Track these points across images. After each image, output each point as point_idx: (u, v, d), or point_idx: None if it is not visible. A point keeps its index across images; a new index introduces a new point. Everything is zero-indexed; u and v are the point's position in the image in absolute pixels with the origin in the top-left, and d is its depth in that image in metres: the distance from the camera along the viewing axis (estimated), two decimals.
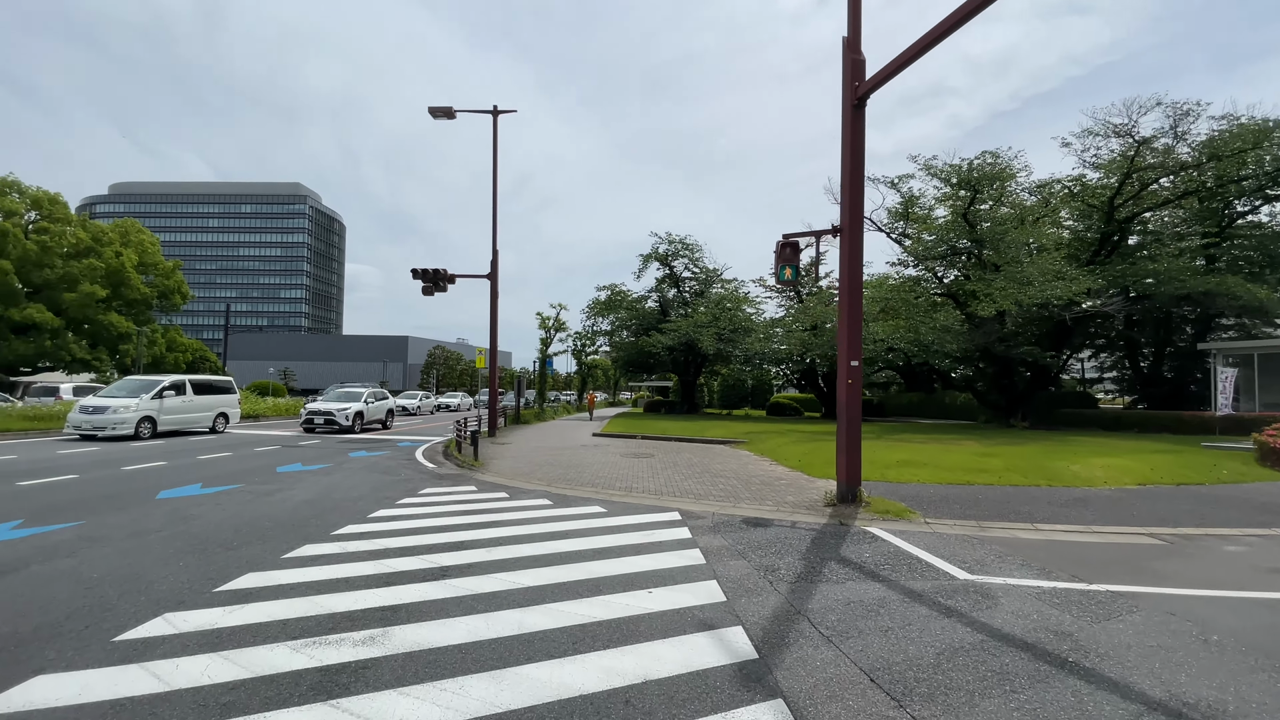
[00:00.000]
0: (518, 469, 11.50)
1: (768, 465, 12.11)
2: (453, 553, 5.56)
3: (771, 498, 8.58)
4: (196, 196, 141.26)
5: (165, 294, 42.34)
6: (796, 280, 8.80)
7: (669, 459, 13.10)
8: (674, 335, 29.16)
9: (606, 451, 14.55)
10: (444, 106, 19.68)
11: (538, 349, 28.71)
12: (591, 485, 9.60)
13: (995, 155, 21.23)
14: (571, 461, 12.58)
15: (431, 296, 19.92)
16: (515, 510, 7.65)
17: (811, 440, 15.85)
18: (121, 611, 4.05)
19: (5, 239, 33.12)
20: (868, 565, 5.37)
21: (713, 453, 14.48)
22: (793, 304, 30.91)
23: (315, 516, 7.12)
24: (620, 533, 6.42)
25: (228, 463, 11.84)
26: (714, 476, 10.54)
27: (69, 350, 35.06)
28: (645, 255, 32.99)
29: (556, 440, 17.81)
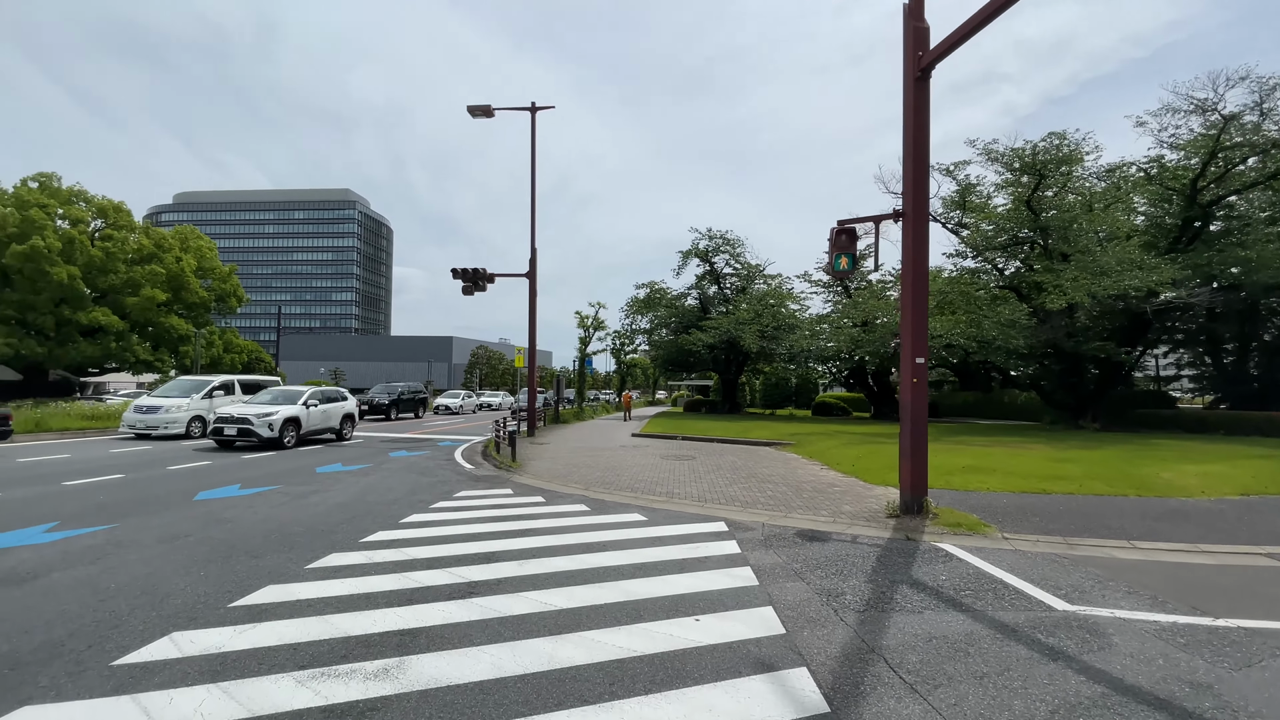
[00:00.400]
0: (555, 471, 11.13)
1: (818, 470, 11.39)
2: (482, 566, 5.16)
3: (826, 507, 7.92)
4: (253, 204, 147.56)
5: (222, 297, 43.98)
6: (853, 270, 8.13)
7: (711, 462, 12.52)
8: (715, 333, 28.44)
9: (646, 453, 14.07)
10: (482, 105, 19.56)
11: (577, 348, 28.49)
12: (630, 490, 9.12)
13: (1061, 137, 19.76)
14: (610, 464, 12.14)
15: (472, 296, 19.84)
16: (551, 517, 7.24)
17: (864, 442, 14.99)
18: (129, 629, 3.78)
19: (72, 246, 34.87)
20: (946, 590, 4.70)
21: (758, 455, 13.82)
22: (840, 299, 29.75)
23: (347, 521, 6.86)
24: (662, 545, 5.91)
25: (270, 463, 11.87)
26: (761, 482, 9.92)
27: (133, 351, 36.72)
28: (685, 251, 32.31)
29: (595, 440, 17.43)
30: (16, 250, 32.48)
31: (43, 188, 37.05)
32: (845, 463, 11.68)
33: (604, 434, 20.09)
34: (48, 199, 36.10)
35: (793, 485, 9.58)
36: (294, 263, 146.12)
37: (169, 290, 39.46)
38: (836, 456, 12.63)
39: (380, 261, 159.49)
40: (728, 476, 10.46)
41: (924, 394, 7.42)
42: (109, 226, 39.30)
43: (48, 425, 15.10)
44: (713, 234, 31.40)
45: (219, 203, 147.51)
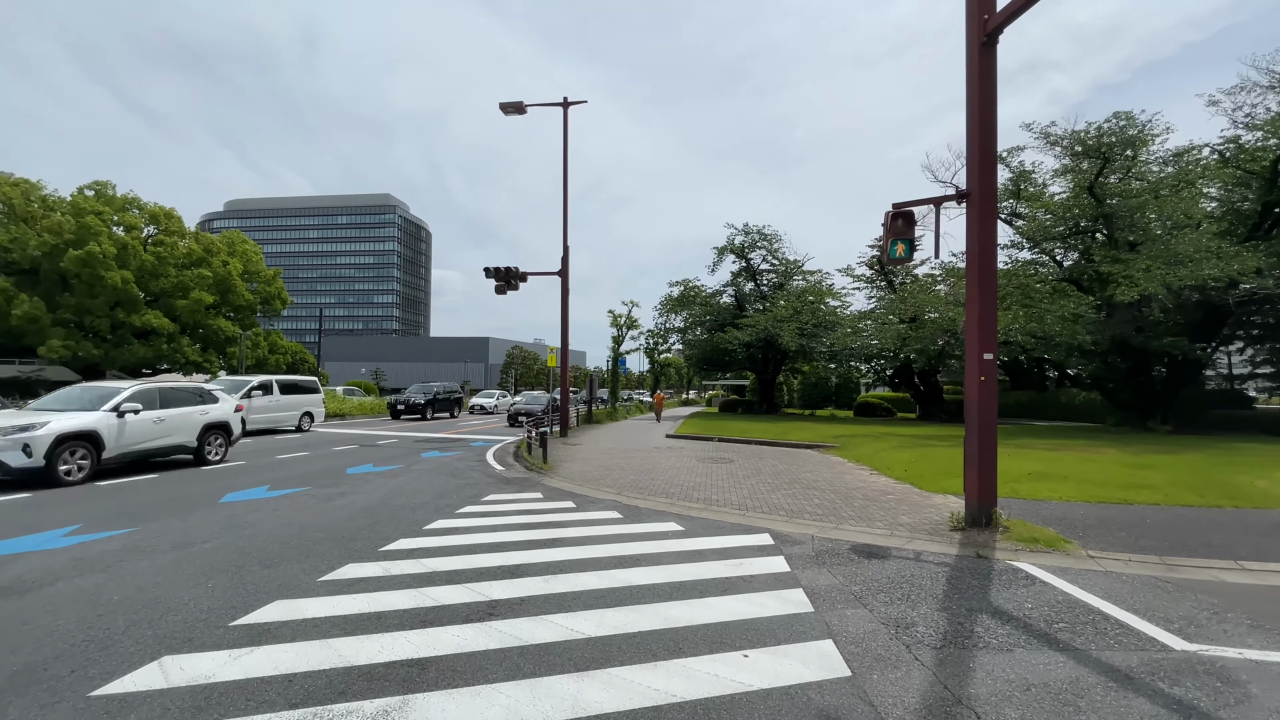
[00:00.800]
0: (587, 474, 10.69)
1: (867, 475, 10.65)
2: (505, 581, 4.72)
3: (881, 517, 7.24)
4: (298, 210, 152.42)
5: (267, 300, 45.20)
6: (910, 257, 7.41)
7: (751, 465, 11.89)
8: (751, 331, 27.63)
9: (681, 455, 13.52)
10: (514, 102, 19.38)
11: (610, 347, 28.08)
12: (665, 495, 8.60)
13: (1128, 117, 18.37)
14: (644, 466, 11.64)
15: (506, 296, 19.65)
16: (581, 525, 6.77)
17: (915, 445, 14.12)
18: (119, 651, 3.45)
19: (126, 251, 36.24)
20: (1036, 622, 4.04)
21: (800, 459, 13.12)
22: (884, 294, 28.57)
23: (369, 527, 6.53)
24: (701, 560, 5.37)
25: (302, 463, 11.77)
26: (806, 488, 9.27)
27: (183, 353, 37.98)
28: (720, 248, 31.51)
29: (629, 442, 16.97)
30: (73, 255, 33.91)
31: (98, 195, 38.71)
32: (897, 468, 10.91)
33: (638, 435, 19.62)
34: (103, 206, 37.66)
35: (841, 492, 8.90)
36: (337, 266, 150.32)
37: (217, 293, 40.74)
38: (886, 460, 11.84)
39: (419, 264, 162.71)
40: (769, 482, 9.84)
41: (993, 393, 6.69)
42: (161, 232, 40.84)
43: None
44: (749, 229, 30.55)
45: (267, 209, 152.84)
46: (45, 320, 33.84)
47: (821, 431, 18.99)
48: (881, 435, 16.92)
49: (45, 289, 35.47)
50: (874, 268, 28.51)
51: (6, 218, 36.30)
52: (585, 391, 28.03)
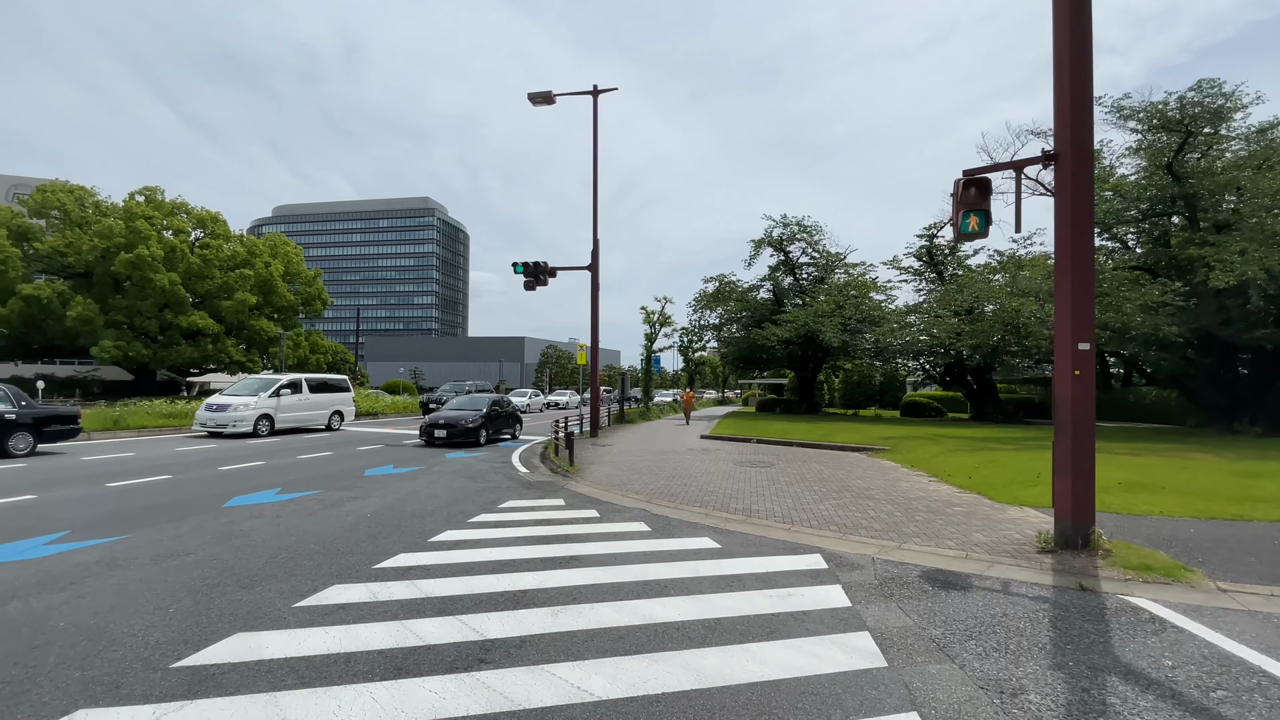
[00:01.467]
0: (615, 478, 9.93)
1: (926, 482, 9.58)
2: (506, 614, 3.97)
3: (951, 534, 6.25)
4: (342, 214, 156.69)
5: (308, 300, 46.03)
6: (985, 231, 6.37)
7: (794, 470, 10.94)
8: (790, 327, 26.38)
9: (716, 458, 12.64)
10: (543, 92, 18.87)
11: (642, 345, 27.26)
12: (699, 504, 7.76)
13: (1214, 85, 16.55)
14: (676, 470, 10.82)
15: (536, 293, 19.09)
16: (603, 540, 6.00)
17: (975, 449, 12.88)
18: (30, 701, 2.83)
19: (174, 254, 37.26)
20: (1185, 689, 3.06)
21: (847, 463, 12.08)
22: (934, 287, 26.93)
23: (370, 538, 5.91)
24: (741, 589, 4.52)
25: (322, 464, 11.35)
26: (859, 498, 8.29)
27: (227, 353, 38.87)
28: (757, 241, 30.20)
29: (661, 443, 16.16)
30: (124, 258, 34.98)
31: (148, 200, 39.97)
32: (959, 474, 9.79)
33: (670, 436, 18.79)
34: (152, 211, 38.87)
35: (899, 503, 7.90)
36: (379, 269, 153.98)
37: (259, 294, 41.64)
38: (946, 466, 10.72)
39: (457, 266, 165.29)
40: (816, 490, 8.89)
41: (1090, 390, 5.65)
42: (207, 236, 41.99)
43: (125, 423, 15.51)
44: (787, 221, 29.21)
45: (312, 214, 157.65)
46: (98, 321, 35.01)
47: (868, 433, 17.80)
48: (935, 437, 15.66)
49: (98, 291, 36.75)
50: (922, 259, 26.86)
51: (61, 223, 37.76)
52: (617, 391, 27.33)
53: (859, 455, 13.31)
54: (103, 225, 36.22)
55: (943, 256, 26.60)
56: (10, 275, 34.25)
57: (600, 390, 20.84)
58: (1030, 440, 14.50)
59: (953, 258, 26.55)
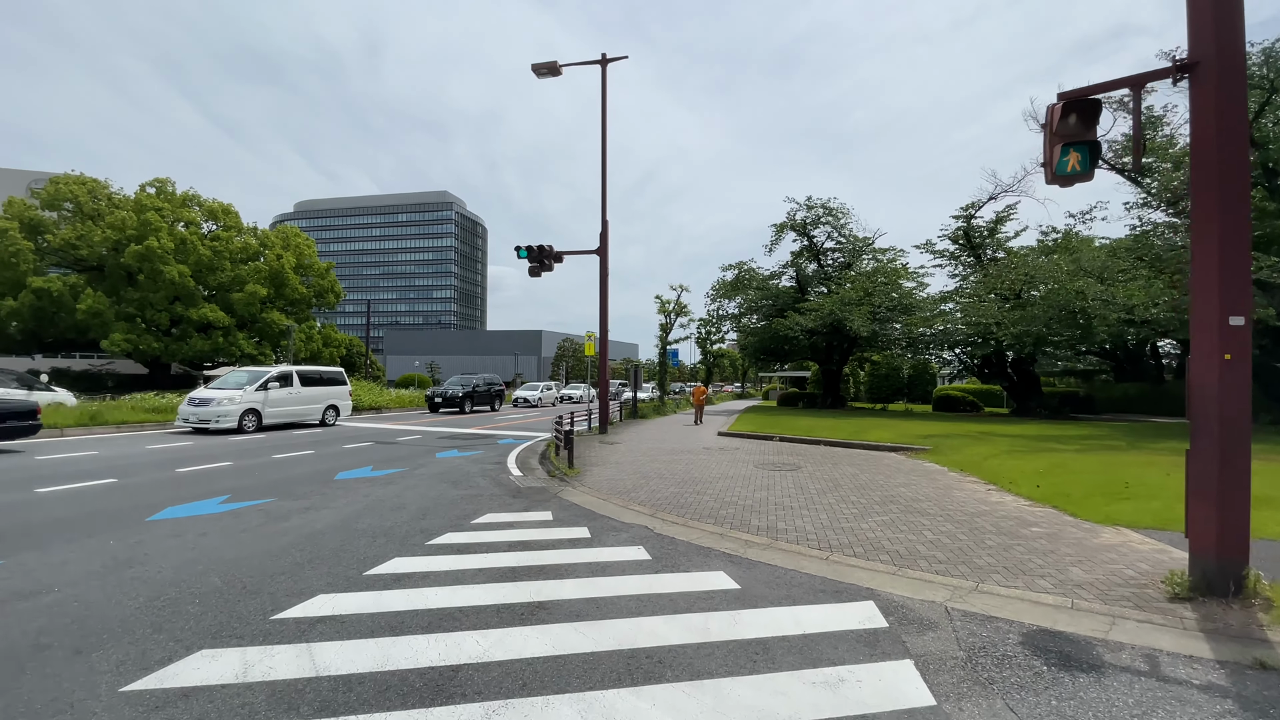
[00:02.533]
0: (618, 483, 8.61)
1: (984, 491, 8.09)
2: (416, 714, 2.66)
3: (1040, 567, 4.80)
4: (362, 209, 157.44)
5: (321, 293, 45.48)
6: (1089, 172, 4.88)
7: (824, 474, 9.50)
8: (815, 315, 24.72)
9: (735, 459, 11.25)
10: (547, 63, 17.51)
11: (657, 335, 25.80)
12: (714, 520, 6.40)
13: None
14: (689, 474, 9.46)
15: (541, 279, 17.85)
16: (587, 574, 4.68)
17: (1033, 450, 11.29)
18: None
19: (184, 246, 36.77)
20: None
21: (885, 466, 10.60)
22: (971, 271, 25.02)
23: (293, 570, 4.68)
24: (770, 669, 3.15)
25: (294, 465, 10.22)
26: (908, 512, 6.85)
27: (238, 346, 38.40)
28: (779, 225, 28.50)
29: (674, 441, 14.81)
30: (134, 250, 34.56)
31: (159, 192, 39.54)
32: (1023, 482, 8.27)
33: (685, 433, 17.43)
34: (163, 203, 38.43)
35: (960, 520, 6.44)
36: (399, 263, 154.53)
37: (270, 287, 41.12)
38: (1003, 471, 9.18)
39: (476, 260, 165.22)
40: (854, 501, 7.46)
41: (1245, 380, 4.17)
42: (219, 228, 41.53)
43: (104, 419, 14.58)
44: (811, 203, 27.41)
45: (333, 209, 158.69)
46: (108, 314, 34.66)
47: (903, 430, 16.22)
48: (980, 435, 14.06)
49: (111, 284, 36.44)
50: (958, 241, 24.91)
51: (74, 215, 37.48)
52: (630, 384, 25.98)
53: (897, 456, 11.80)
54: (114, 217, 35.83)
55: (981, 238, 24.64)
56: (22, 268, 34.01)
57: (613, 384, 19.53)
58: (1094, 440, 12.84)
59: (992, 240, 24.61)
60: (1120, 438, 13.23)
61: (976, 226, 24.16)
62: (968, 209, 23.94)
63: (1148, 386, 27.63)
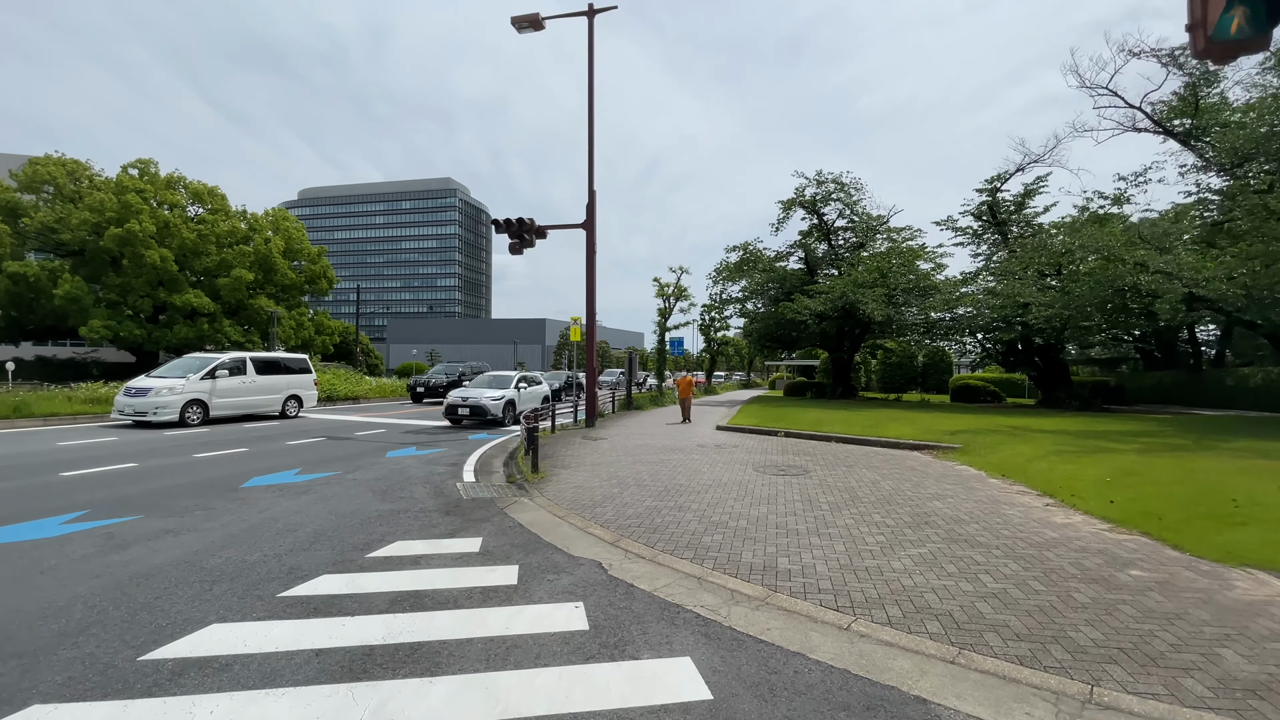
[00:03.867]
0: (586, 492, 6.98)
1: (1037, 505, 6.38)
2: None
3: (1175, 652, 3.11)
4: (366, 197, 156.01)
5: (312, 279, 43.99)
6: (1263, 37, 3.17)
7: (838, 481, 7.84)
8: (825, 298, 22.85)
9: (733, 460, 9.60)
10: (529, 15, 15.85)
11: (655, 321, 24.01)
12: (693, 552, 4.76)
13: None
14: (674, 479, 7.82)
15: (521, 254, 16.15)
16: (482, 658, 3.05)
17: (1084, 450, 9.52)
18: None
19: (167, 229, 35.33)
20: None
21: (909, 468, 8.91)
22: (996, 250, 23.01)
23: (34, 654, 3.08)
24: None
25: (207, 468, 8.67)
26: (949, 538, 5.17)
27: (225, 333, 36.99)
28: (786, 201, 26.50)
29: (667, 436, 13.17)
30: (113, 233, 33.15)
31: (142, 174, 38.02)
32: (1085, 492, 6.56)
33: (680, 427, 15.80)
34: (145, 185, 36.93)
35: (1024, 555, 4.75)
36: (402, 251, 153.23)
37: (259, 272, 39.69)
38: (1057, 478, 7.45)
39: (480, 248, 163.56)
40: (878, 521, 5.79)
41: None
42: (206, 212, 40.02)
43: (30, 410, 13.11)
44: (822, 178, 25.40)
45: (337, 196, 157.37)
46: (87, 300, 33.33)
47: (924, 424, 14.48)
48: (1015, 431, 12.30)
49: (92, 269, 35.08)
50: (983, 217, 22.88)
51: (54, 198, 36.11)
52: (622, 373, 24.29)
53: (922, 457, 10.09)
54: (93, 199, 34.33)
55: (1007, 214, 22.58)
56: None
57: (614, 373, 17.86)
58: (1152, 438, 11.06)
59: (1019, 216, 22.57)
60: (1180, 434, 11.43)
61: (1003, 201, 22.16)
62: (993, 181, 21.92)
63: (1183, 376, 25.67)
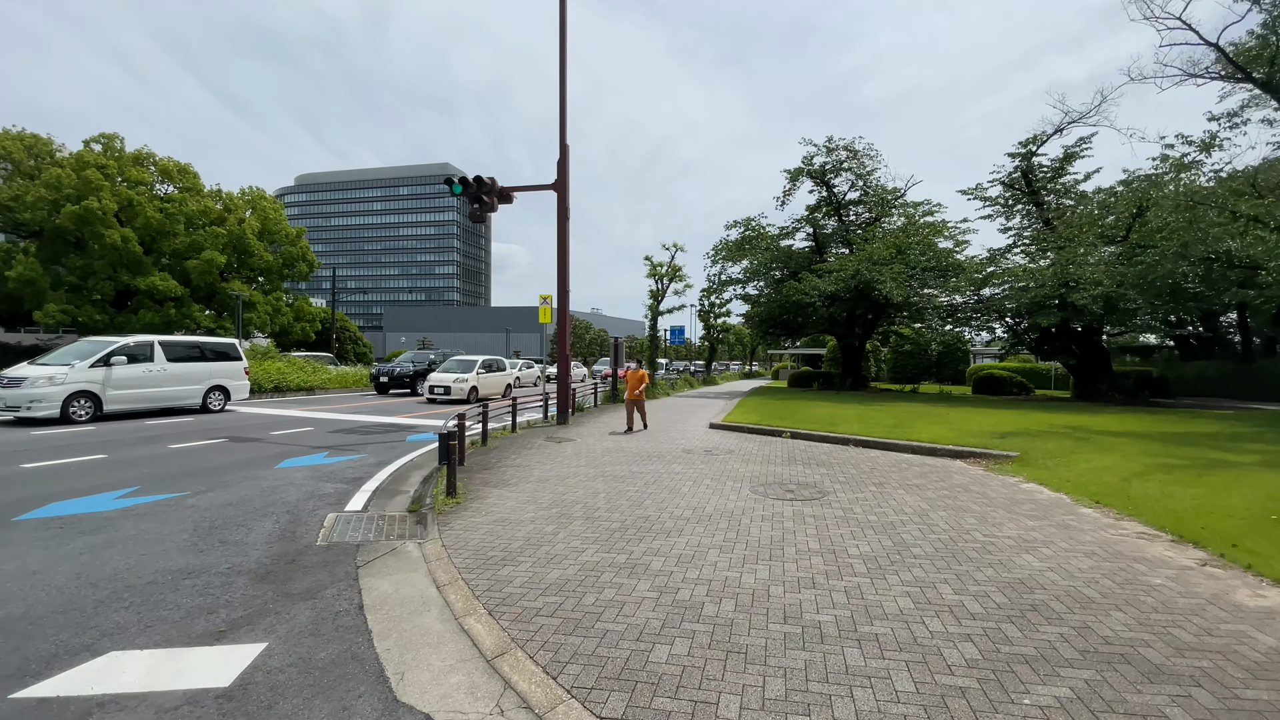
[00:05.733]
0: (506, 531, 4.69)
1: (1191, 564, 4.07)
2: None
3: None
4: (363, 182, 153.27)
5: (290, 262, 41.68)
6: None
7: (870, 511, 5.53)
8: (837, 278, 20.34)
9: (724, 472, 7.31)
10: None
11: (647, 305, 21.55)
12: (629, 688, 2.45)
13: None
14: (638, 509, 5.53)
15: (484, 221, 13.82)
16: None
17: (1189, 461, 7.18)
18: None
19: (131, 208, 33.04)
20: None
21: (958, 486, 6.59)
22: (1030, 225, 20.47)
23: None
24: None
25: (22, 484, 6.42)
26: (1104, 661, 2.84)
27: (194, 319, 34.80)
28: (794, 171, 23.89)
29: (647, 437, 10.89)
30: (70, 211, 30.92)
31: (106, 149, 35.66)
32: (1249, 539, 4.24)
33: (668, 425, 13.53)
34: (109, 160, 34.60)
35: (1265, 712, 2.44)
36: (400, 238, 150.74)
37: (233, 254, 37.41)
38: (1186, 510, 5.13)
39: (479, 234, 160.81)
40: (950, 601, 3.48)
41: None
42: (176, 190, 37.65)
43: None
44: (832, 144, 22.81)
45: (333, 182, 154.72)
46: (42, 283, 31.14)
47: (958, 422, 12.15)
48: (1076, 433, 9.97)
49: (51, 250, 32.84)
50: (1015, 185, 20.27)
51: (12, 174, 33.83)
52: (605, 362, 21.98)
53: (972, 470, 7.76)
54: (50, 175, 32.04)
55: (1043, 181, 20.00)
56: None
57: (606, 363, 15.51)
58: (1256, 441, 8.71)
59: (1055, 183, 20.01)
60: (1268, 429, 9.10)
61: (1038, 167, 19.61)
62: (1028, 144, 19.38)
63: (1230, 366, 23.25)
